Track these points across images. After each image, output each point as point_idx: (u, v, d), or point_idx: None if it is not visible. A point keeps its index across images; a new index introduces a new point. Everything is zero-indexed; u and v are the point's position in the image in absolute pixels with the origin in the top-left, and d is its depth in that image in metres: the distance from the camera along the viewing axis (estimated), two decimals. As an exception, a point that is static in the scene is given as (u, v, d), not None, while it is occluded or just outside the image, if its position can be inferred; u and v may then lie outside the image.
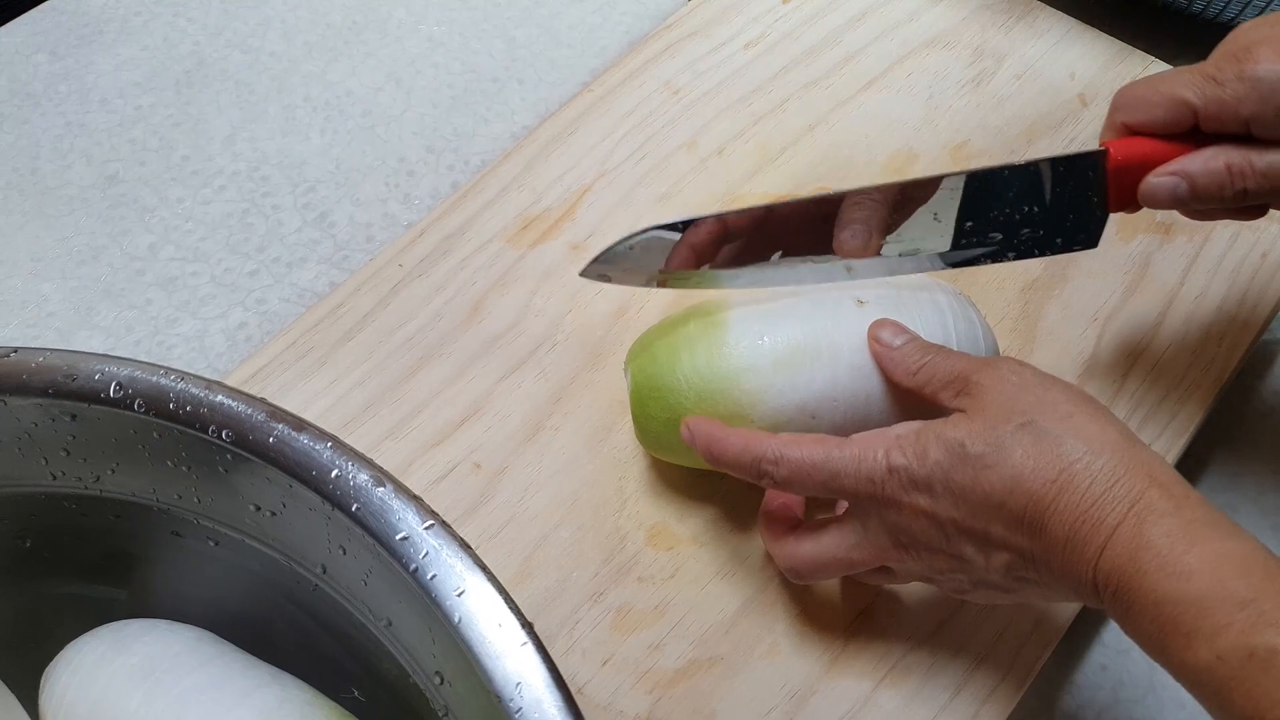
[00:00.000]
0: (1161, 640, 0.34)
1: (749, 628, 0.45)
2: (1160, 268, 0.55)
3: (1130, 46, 0.63)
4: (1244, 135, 0.40)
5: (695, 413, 0.43)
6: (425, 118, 0.64)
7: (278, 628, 0.42)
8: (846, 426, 0.42)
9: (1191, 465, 0.53)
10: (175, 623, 0.41)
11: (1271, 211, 0.56)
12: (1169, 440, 0.50)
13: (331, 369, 0.51)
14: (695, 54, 0.62)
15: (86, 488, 0.40)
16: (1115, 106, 0.43)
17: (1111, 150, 0.41)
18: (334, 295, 0.54)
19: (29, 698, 0.40)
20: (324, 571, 0.38)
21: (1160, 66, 0.63)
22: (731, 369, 0.43)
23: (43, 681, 0.39)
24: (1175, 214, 0.56)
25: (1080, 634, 0.48)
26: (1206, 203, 0.41)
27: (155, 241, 0.58)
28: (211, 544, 0.40)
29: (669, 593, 0.46)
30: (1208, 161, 0.40)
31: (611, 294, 0.53)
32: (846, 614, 0.45)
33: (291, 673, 0.40)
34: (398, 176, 0.61)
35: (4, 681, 0.40)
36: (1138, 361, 0.52)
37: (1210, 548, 0.34)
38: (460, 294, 0.53)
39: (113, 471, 0.39)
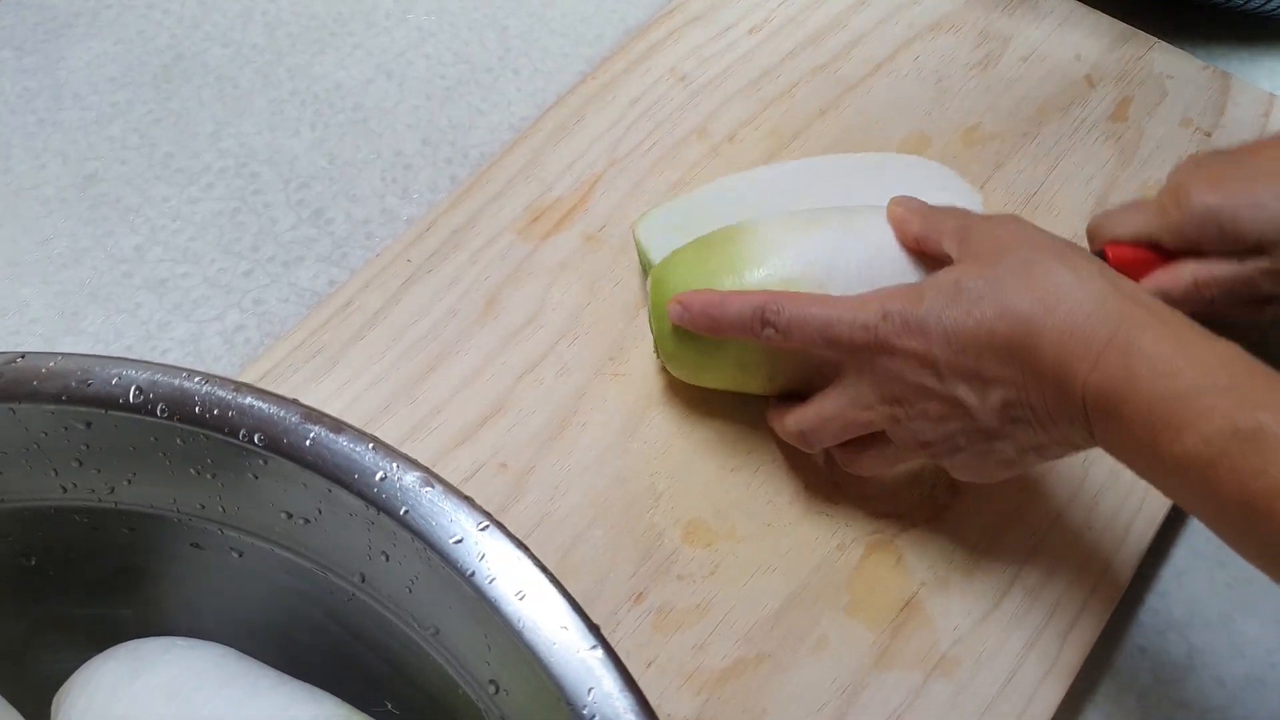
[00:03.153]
0: (1152, 440, 0.35)
1: (794, 623, 0.44)
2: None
3: (1133, 28, 0.63)
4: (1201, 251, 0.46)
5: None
6: (419, 110, 0.61)
7: (299, 640, 0.40)
8: (856, 285, 0.43)
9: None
10: (194, 640, 0.39)
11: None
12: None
13: (344, 369, 0.49)
14: (699, 39, 0.61)
15: (100, 500, 0.38)
16: (1092, 233, 0.49)
17: (1109, 253, 0.48)
18: (340, 293, 0.51)
19: (33, 720, 0.38)
20: (363, 580, 0.36)
21: (1163, 47, 0.63)
22: (747, 241, 0.45)
23: (55, 705, 0.37)
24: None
25: (1117, 618, 0.47)
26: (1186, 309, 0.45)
27: (141, 243, 0.56)
28: (235, 555, 0.38)
29: (710, 590, 0.44)
30: (1175, 277, 0.46)
31: (631, 285, 0.52)
32: (892, 604, 0.44)
33: (315, 685, 0.38)
34: (394, 171, 0.59)
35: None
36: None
37: (1197, 349, 0.36)
38: (473, 289, 0.52)
39: (129, 482, 0.37)
